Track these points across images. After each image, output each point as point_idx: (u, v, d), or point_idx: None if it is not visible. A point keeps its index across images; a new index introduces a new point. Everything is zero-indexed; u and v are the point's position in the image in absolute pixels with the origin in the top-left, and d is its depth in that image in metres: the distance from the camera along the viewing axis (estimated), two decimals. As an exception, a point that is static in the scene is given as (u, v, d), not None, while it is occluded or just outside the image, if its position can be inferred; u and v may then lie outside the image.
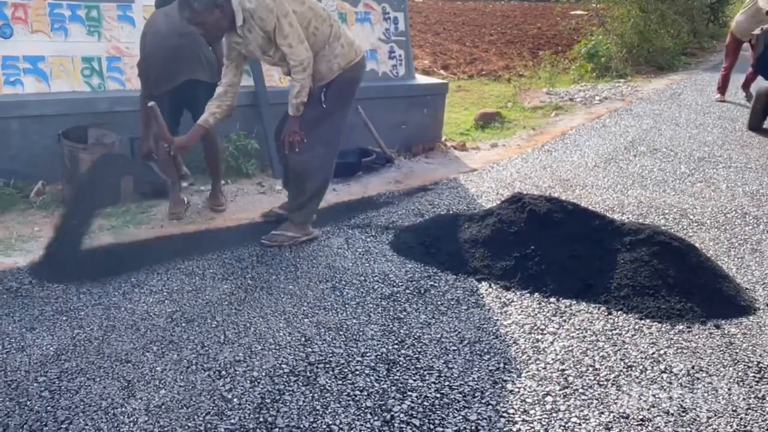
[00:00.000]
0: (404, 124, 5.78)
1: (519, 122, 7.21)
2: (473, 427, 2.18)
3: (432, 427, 2.18)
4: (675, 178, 5.08)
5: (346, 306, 2.98)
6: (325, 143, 3.52)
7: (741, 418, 2.27)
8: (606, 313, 2.97)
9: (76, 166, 3.91)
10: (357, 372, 2.46)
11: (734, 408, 2.33)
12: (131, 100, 4.37)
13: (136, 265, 3.28)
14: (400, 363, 2.53)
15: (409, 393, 2.35)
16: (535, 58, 11.58)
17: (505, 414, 2.26)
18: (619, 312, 2.98)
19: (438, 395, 2.34)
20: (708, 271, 3.15)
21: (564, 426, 2.20)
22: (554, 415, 2.26)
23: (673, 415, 2.27)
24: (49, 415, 2.17)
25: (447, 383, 2.42)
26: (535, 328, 2.84)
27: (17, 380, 2.35)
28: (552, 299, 3.08)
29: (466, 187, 4.84)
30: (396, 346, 2.65)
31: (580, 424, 2.21)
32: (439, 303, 3.03)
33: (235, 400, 2.28)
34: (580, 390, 2.40)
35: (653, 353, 2.66)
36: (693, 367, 2.56)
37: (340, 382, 2.40)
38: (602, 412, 2.27)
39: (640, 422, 2.23)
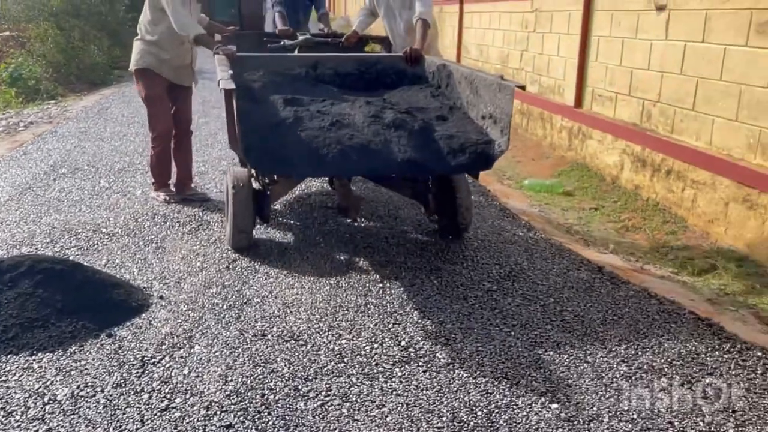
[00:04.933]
0: None
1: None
2: None
3: None
4: (93, 194, 5.08)
5: None
6: None
7: (176, 423, 2.36)
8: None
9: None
10: None
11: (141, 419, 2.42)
12: None
13: None
14: None
15: None
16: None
17: None
18: (10, 356, 2.78)
19: None
20: (96, 284, 3.21)
21: None
22: None
23: (48, 446, 2.22)
24: None
25: None
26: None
27: None
28: (-74, 369, 2.67)
29: None
30: None
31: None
32: None
33: None
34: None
35: (39, 387, 2.56)
36: (78, 387, 2.56)
37: None
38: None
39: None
